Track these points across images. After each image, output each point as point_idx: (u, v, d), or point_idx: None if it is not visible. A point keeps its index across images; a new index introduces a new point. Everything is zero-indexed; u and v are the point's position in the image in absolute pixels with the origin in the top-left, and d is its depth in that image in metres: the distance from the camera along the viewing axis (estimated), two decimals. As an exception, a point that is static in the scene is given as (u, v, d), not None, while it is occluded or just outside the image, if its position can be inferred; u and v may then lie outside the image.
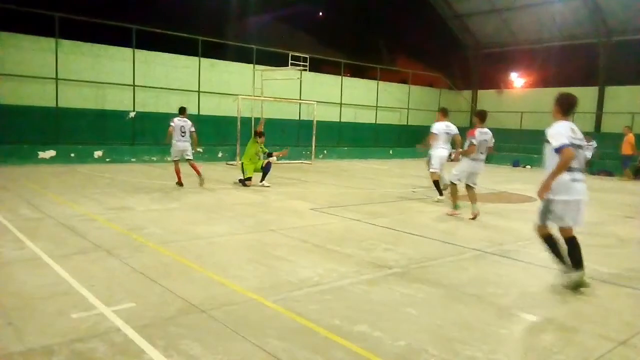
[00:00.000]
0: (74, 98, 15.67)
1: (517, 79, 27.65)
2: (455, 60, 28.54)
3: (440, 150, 10.47)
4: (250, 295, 4.35)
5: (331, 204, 9.56)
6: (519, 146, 23.30)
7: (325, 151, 21.60)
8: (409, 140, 25.55)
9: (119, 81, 16.53)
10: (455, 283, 4.98)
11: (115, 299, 4.13)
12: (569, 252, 4.83)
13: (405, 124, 25.89)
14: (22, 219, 7.00)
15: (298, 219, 8.02)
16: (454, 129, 10.62)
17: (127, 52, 16.64)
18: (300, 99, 20.77)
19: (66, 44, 15.46)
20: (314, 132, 19.02)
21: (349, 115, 22.89)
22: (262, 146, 11.77)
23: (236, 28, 25.63)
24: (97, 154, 15.59)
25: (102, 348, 3.26)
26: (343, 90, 22.92)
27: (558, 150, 4.72)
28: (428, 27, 27.06)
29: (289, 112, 20.73)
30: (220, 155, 18.54)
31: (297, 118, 21.26)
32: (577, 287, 4.78)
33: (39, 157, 14.81)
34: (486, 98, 27.10)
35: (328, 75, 23.14)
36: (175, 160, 11.20)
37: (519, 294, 4.80)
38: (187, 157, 11.17)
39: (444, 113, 10.67)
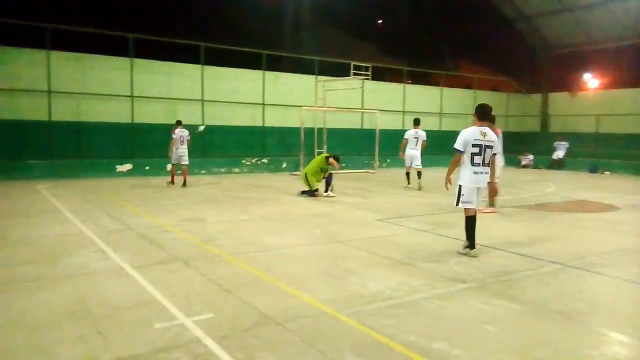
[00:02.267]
0: (148, 114, 16.50)
1: (591, 80, 26.21)
2: (524, 62, 27.46)
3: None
4: (324, 308, 4.35)
5: (398, 214, 9.43)
6: (596, 151, 22.01)
7: (388, 160, 21.36)
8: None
9: (189, 96, 17.24)
10: (537, 299, 4.73)
11: (195, 309, 4.26)
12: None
13: (471, 130, 25.17)
14: (105, 231, 7.42)
15: (365, 229, 7.96)
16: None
17: (196, 68, 17.34)
18: (362, 108, 20.75)
19: (140, 62, 16.34)
20: (377, 140, 18.90)
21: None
22: (331, 167, 11.75)
23: (298, 41, 26.06)
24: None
25: (185, 358, 3.36)
26: (406, 97, 22.66)
27: (454, 150, 6.35)
28: (493, 30, 26.26)
29: (351, 122, 20.74)
30: (284, 165, 18.84)
31: (360, 127, 21.23)
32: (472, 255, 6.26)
33: (117, 170, 15.68)
34: (558, 101, 25.85)
35: (390, 83, 22.97)
36: (174, 164, 13.44)
37: (607, 312, 4.49)
38: (183, 163, 13.32)
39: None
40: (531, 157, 23.22)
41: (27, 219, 8.20)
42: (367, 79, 17.97)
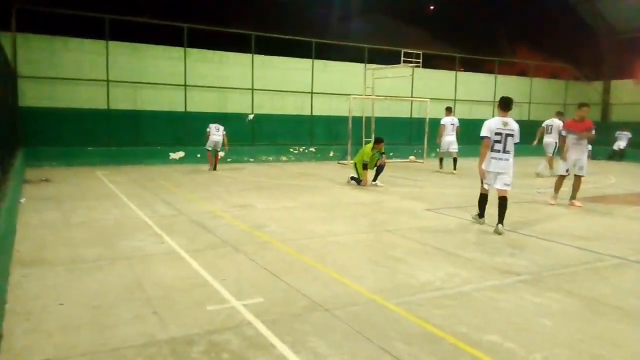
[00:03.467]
0: (200, 103, 16.89)
1: (658, 66, 24.63)
2: (584, 48, 26.10)
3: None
4: (372, 297, 4.33)
5: (447, 205, 9.25)
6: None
7: (438, 149, 20.97)
8: (531, 137, 23.90)
9: (239, 85, 17.50)
10: (595, 294, 4.53)
11: (245, 293, 4.34)
12: (498, 207, 7.00)
13: (527, 119, 24.27)
14: (160, 216, 7.68)
15: (414, 219, 7.86)
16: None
17: (246, 57, 17.55)
18: (412, 97, 20.41)
19: (192, 52, 16.70)
20: (427, 130, 18.56)
21: (464, 112, 21.94)
22: (381, 151, 11.59)
23: (347, 28, 25.86)
24: (220, 154, 16.64)
25: (235, 340, 3.44)
26: (457, 85, 22.09)
27: (481, 138, 7.10)
28: (552, 14, 25.08)
29: (400, 110, 20.46)
30: (331, 154, 18.85)
31: (409, 116, 20.91)
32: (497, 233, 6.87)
33: (170, 157, 16.19)
34: (621, 89, 24.47)
35: (441, 70, 22.42)
36: (208, 150, 14.19)
37: (674, 310, 4.24)
38: (217, 149, 14.27)
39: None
40: (589, 147, 22.16)
41: (87, 203, 8.61)
42: (418, 66, 17.63)
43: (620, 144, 21.42)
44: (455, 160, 14.81)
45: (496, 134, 7.02)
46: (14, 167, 8.44)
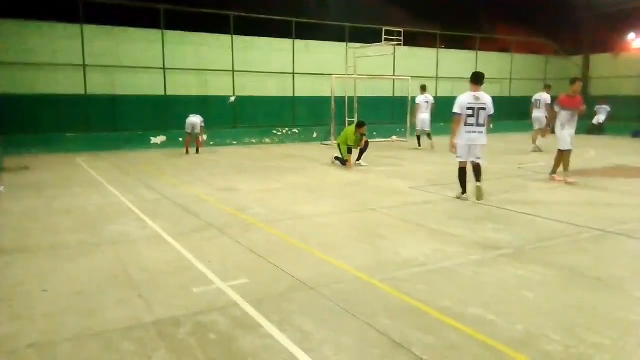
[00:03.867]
0: (180, 86, 16.64)
1: (636, 40, 24.86)
2: (563, 23, 26.19)
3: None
4: (357, 274, 4.38)
5: (431, 182, 9.32)
6: (640, 114, 21.06)
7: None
8: (511, 112, 24.12)
9: (220, 67, 17.26)
10: (575, 265, 4.64)
11: (231, 275, 4.35)
12: (474, 172, 7.46)
13: (508, 95, 24.44)
14: (143, 200, 7.61)
15: (398, 197, 7.91)
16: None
17: (226, 39, 17.28)
18: (394, 75, 20.36)
19: (171, 34, 16.39)
20: (409, 108, 18.57)
21: (446, 89, 22.00)
22: (364, 132, 11.51)
23: (328, 7, 25.56)
24: (202, 137, 16.50)
25: (222, 321, 3.45)
26: (439, 63, 22.09)
27: (452, 114, 7.42)
28: (531, -11, 25.08)
29: (383, 89, 20.42)
30: (315, 135, 18.78)
31: (392, 95, 20.88)
32: (479, 198, 7.40)
33: (152, 142, 15.98)
34: (600, 63, 24.69)
35: (423, 48, 22.36)
36: (188, 133, 14.04)
37: (650, 278, 4.36)
38: (197, 132, 14.01)
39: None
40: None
41: (68, 190, 8.49)
42: (399, 44, 17.54)
43: (600, 117, 21.69)
44: (429, 135, 15.36)
45: (468, 108, 7.35)
46: (-9, 155, 8.26)
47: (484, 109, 7.38)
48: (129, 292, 3.99)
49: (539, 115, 14.80)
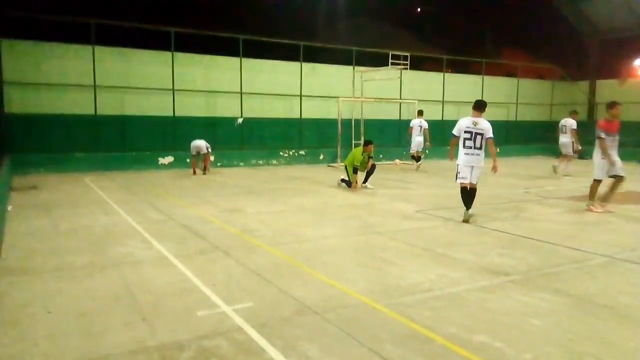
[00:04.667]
0: (188, 107, 16.81)
1: (643, 66, 24.97)
2: (569, 49, 26.39)
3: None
4: (362, 299, 4.34)
5: (437, 206, 9.29)
6: (647, 140, 20.98)
7: (427, 151, 21.07)
8: (518, 137, 24.15)
9: (228, 89, 17.46)
10: (583, 292, 4.57)
11: (235, 298, 4.33)
12: (470, 197, 7.79)
13: (514, 119, 24.50)
14: (149, 221, 7.63)
15: (404, 221, 7.88)
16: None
17: (234, 61, 17.51)
18: (400, 99, 20.49)
19: (180, 56, 16.64)
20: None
21: (452, 113, 22.10)
22: (370, 154, 11.57)
23: (335, 31, 25.92)
24: (210, 159, 16.60)
25: (226, 345, 3.42)
26: (445, 87, 22.23)
27: (451, 135, 7.97)
28: (537, 16, 25.34)
29: (389, 112, 20.51)
30: (321, 157, 18.85)
31: (398, 118, 20.98)
32: (466, 220, 7.68)
33: (159, 163, 16.08)
34: (606, 88, 24.72)
35: (429, 72, 22.55)
36: (192, 155, 14.36)
37: (660, 307, 4.29)
38: (202, 152, 14.29)
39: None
40: (578, 146, 22.40)
41: (75, 210, 8.53)
42: (406, 68, 17.72)
43: (607, 143, 21.61)
44: (419, 158, 16.47)
45: (466, 132, 7.75)
46: (1, 175, 8.34)
47: (481, 133, 7.72)
48: (133, 314, 3.98)
49: (565, 140, 14.88)
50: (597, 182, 8.91)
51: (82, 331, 3.66)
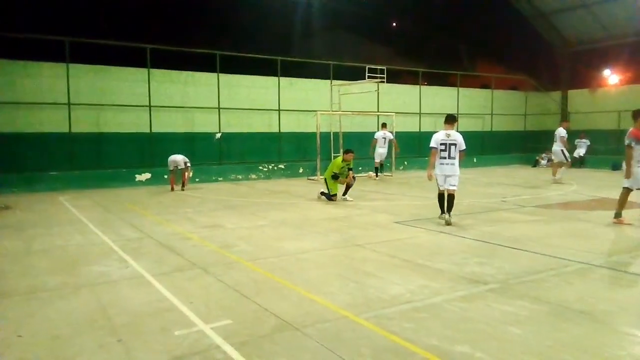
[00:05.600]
0: (166, 123, 16.67)
1: (612, 76, 25.67)
2: (541, 60, 27.02)
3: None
4: (343, 313, 4.31)
5: (416, 217, 9.34)
6: (618, 148, 21.47)
7: (405, 162, 21.26)
8: (493, 146, 24.54)
9: (206, 105, 17.38)
10: (561, 300, 4.62)
11: (213, 315, 4.25)
12: (447, 202, 8.57)
13: (490, 130, 24.92)
14: (125, 239, 7.49)
15: (384, 232, 7.89)
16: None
17: (212, 77, 17.47)
18: (378, 111, 20.67)
19: (157, 73, 16.52)
20: (394, 143, 18.78)
21: (429, 125, 22.37)
22: (349, 164, 11.59)
23: (312, 45, 26.10)
24: (188, 173, 16.45)
25: (204, 365, 3.35)
26: (422, 99, 22.52)
27: (430, 148, 8.73)
28: (509, 29, 25.87)
29: (367, 125, 20.65)
30: (301, 171, 18.83)
31: (376, 130, 21.11)
32: (447, 224, 8.31)
33: (137, 179, 15.85)
34: (577, 98, 25.39)
35: (405, 85, 22.83)
36: (170, 170, 14.15)
37: (636, 312, 4.36)
38: (180, 167, 14.11)
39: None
40: (552, 156, 22.86)
41: (49, 230, 8.33)
42: (382, 81, 17.88)
43: (580, 151, 22.13)
44: (382, 167, 17.55)
45: (441, 144, 8.57)
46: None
47: (454, 144, 8.54)
48: (108, 336, 3.87)
49: (556, 148, 15.29)
50: (628, 191, 8.40)
51: (55, 355, 3.55)
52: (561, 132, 15.28)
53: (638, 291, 5.02)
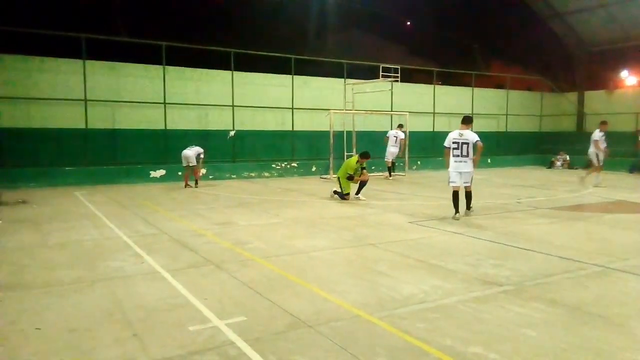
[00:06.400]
0: (180, 120, 16.80)
1: (629, 77, 25.30)
2: (558, 61, 26.72)
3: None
4: (356, 311, 4.31)
5: (430, 217, 9.30)
6: (635, 150, 21.19)
7: (419, 162, 21.17)
8: (508, 147, 24.34)
9: (220, 102, 17.47)
10: (577, 302, 4.58)
11: (227, 312, 4.28)
12: (465, 199, 9.08)
13: (504, 130, 24.71)
14: (140, 235, 7.56)
15: (397, 232, 7.88)
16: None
17: (226, 74, 17.55)
18: (392, 111, 20.60)
19: (171, 70, 16.65)
20: (407, 143, 18.71)
21: (443, 125, 22.26)
22: (364, 164, 11.58)
23: (327, 44, 26.09)
24: (202, 171, 16.54)
25: (218, 361, 3.37)
26: (436, 99, 22.41)
27: (443, 147, 9.21)
28: (525, 29, 25.64)
29: (381, 124, 20.61)
30: (313, 169, 18.85)
31: (390, 129, 21.06)
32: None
33: (151, 176, 15.99)
34: (594, 99, 25.06)
35: (419, 84, 22.73)
36: (184, 166, 14.09)
37: (653, 316, 4.30)
38: (192, 164, 13.91)
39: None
40: (567, 157, 22.63)
41: (65, 224, 8.44)
42: (396, 81, 17.82)
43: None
44: (394, 167, 17.41)
45: (454, 142, 9.02)
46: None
47: (467, 143, 8.94)
48: (124, 330, 3.92)
49: (590, 151, 14.95)
50: None
51: (72, 348, 3.60)
52: (595, 135, 14.86)
53: (655, 295, 4.96)
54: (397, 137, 17.17)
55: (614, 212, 10.11)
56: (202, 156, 14.23)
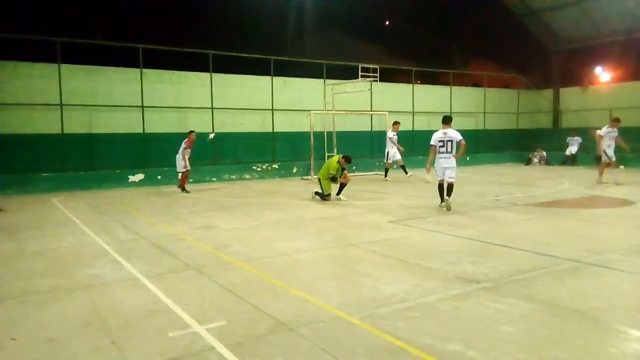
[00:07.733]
0: (159, 123, 16.62)
1: (603, 74, 25.86)
2: (533, 58, 27.18)
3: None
4: (337, 313, 4.33)
5: (410, 216, 9.38)
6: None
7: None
8: (486, 145, 24.65)
9: (199, 105, 17.35)
10: (553, 298, 4.67)
11: (208, 317, 4.27)
12: (446, 190, 9.72)
13: (482, 128, 25.02)
14: (119, 241, 7.48)
15: (378, 232, 7.93)
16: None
17: (205, 76, 17.44)
18: (371, 110, 20.71)
19: (149, 73, 16.47)
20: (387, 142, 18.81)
21: (422, 123, 22.46)
22: (344, 168, 11.60)
23: (305, 45, 26.12)
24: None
25: (199, 367, 3.36)
26: (415, 98, 22.58)
27: (429, 145, 10.07)
28: (500, 27, 26.03)
29: (361, 124, 20.72)
30: (295, 170, 18.84)
31: (369, 129, 21.18)
32: (447, 209, 9.60)
33: (130, 180, 15.79)
34: (569, 96, 25.54)
35: (399, 84, 22.88)
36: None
37: (626, 309, 4.41)
38: (178, 170, 13.94)
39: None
40: (544, 153, 23.00)
41: (42, 232, 8.30)
42: (375, 80, 17.92)
43: (572, 149, 22.27)
44: (403, 167, 16.74)
45: (440, 141, 9.87)
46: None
47: (451, 140, 9.80)
48: (103, 338, 3.87)
49: (603, 149, 14.46)
50: None
51: (50, 357, 3.55)
52: (601, 130, 14.66)
53: (628, 288, 5.08)
54: (390, 138, 16.75)
55: (590, 207, 10.33)
56: (184, 146, 13.76)
